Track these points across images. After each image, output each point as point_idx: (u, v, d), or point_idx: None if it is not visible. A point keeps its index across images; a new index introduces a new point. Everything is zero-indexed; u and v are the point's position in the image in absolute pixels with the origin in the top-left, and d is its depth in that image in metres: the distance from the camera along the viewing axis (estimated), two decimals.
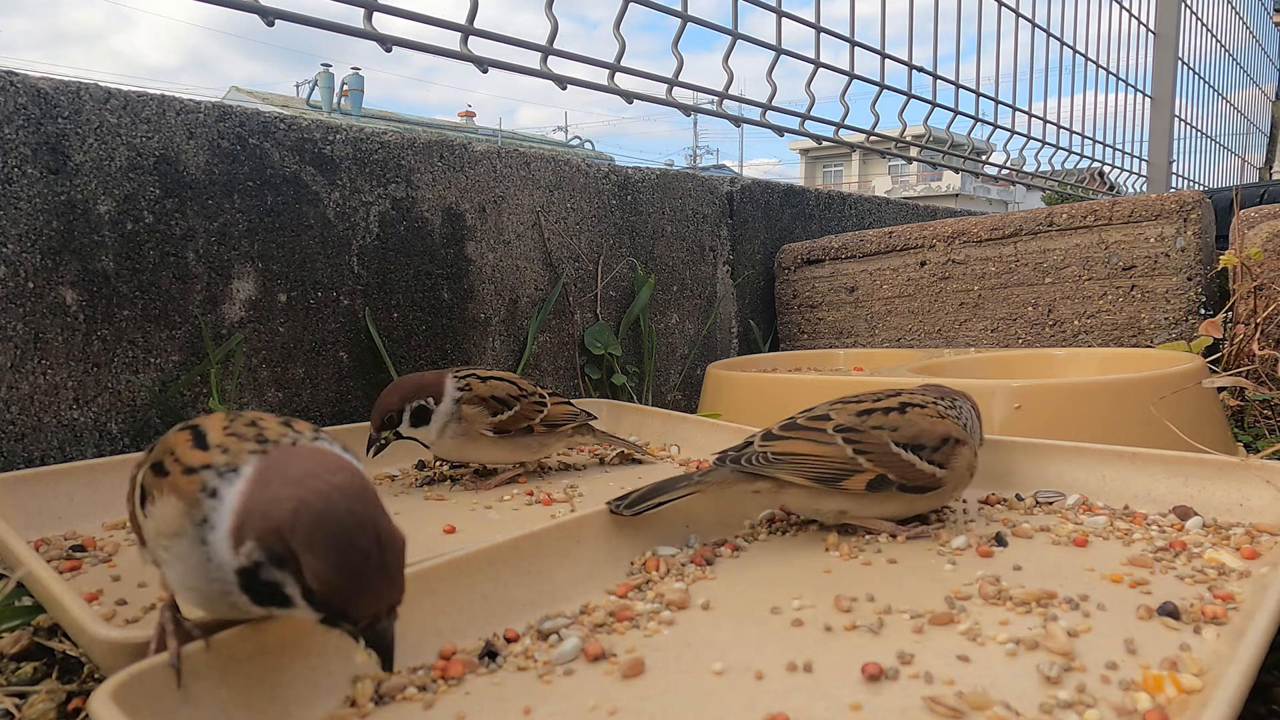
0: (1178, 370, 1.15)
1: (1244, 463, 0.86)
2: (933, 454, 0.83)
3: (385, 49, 1.26)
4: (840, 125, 2.23)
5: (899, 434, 0.84)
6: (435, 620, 0.62)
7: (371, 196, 1.36)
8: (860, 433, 0.84)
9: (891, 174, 29.94)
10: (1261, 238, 1.56)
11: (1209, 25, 4.63)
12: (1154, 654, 0.56)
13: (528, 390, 1.14)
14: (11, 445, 1.02)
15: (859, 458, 0.83)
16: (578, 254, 1.67)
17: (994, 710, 0.51)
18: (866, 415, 0.86)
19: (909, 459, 0.83)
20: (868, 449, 0.83)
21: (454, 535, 0.91)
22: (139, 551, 0.59)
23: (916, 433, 0.84)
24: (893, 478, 0.82)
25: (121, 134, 1.10)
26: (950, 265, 1.84)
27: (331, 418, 1.32)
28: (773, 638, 0.63)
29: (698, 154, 36.30)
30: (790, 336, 2.09)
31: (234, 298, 1.21)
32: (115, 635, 0.55)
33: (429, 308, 1.44)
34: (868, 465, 0.83)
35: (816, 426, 0.86)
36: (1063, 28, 3.27)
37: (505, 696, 0.55)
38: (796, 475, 0.83)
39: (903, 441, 0.83)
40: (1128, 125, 3.88)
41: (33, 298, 1.03)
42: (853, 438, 0.84)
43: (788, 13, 1.91)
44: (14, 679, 0.64)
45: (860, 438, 0.84)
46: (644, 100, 1.68)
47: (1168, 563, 0.73)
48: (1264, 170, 6.63)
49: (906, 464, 0.83)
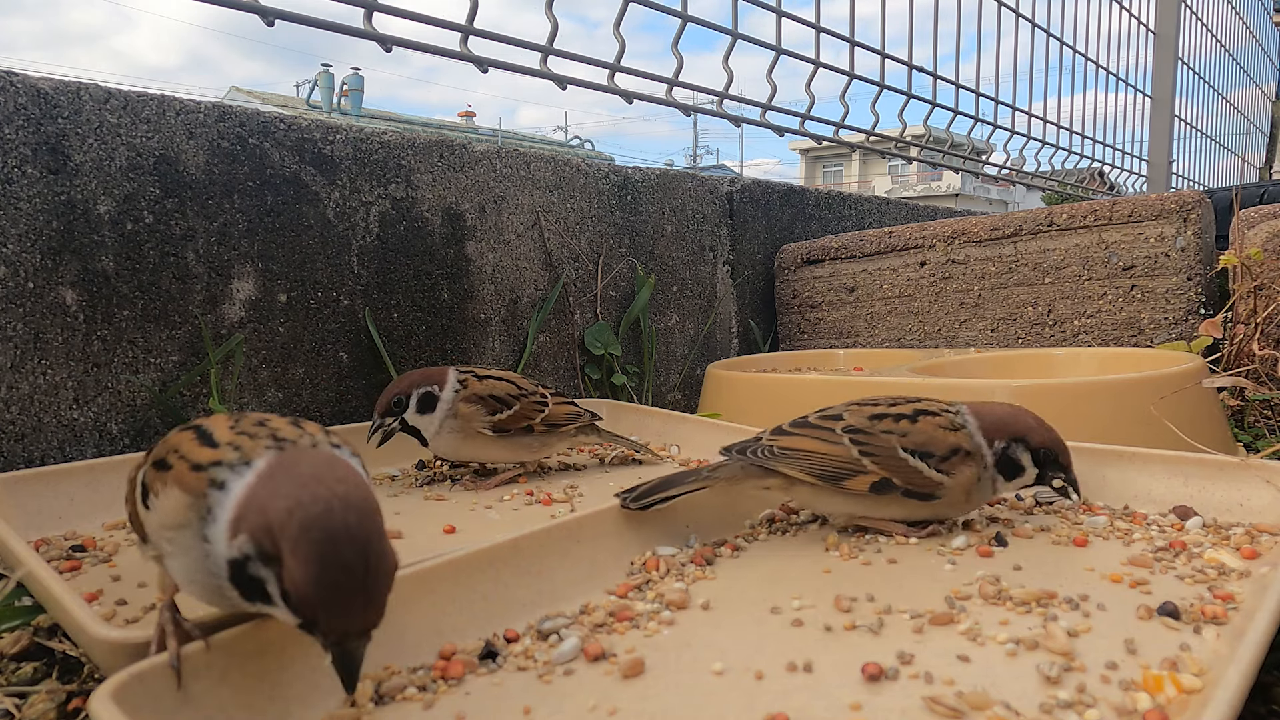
0: (1178, 370, 1.15)
1: (1244, 463, 0.86)
2: (940, 463, 0.83)
3: (385, 49, 1.26)
4: (840, 125, 2.23)
5: (908, 439, 0.83)
6: (435, 620, 0.62)
7: (371, 196, 1.36)
8: (869, 435, 0.84)
9: (891, 174, 29.94)
10: (1261, 238, 1.56)
11: (1209, 25, 4.63)
12: (1154, 654, 0.56)
13: (528, 389, 1.14)
14: (11, 445, 1.02)
15: (864, 459, 0.83)
16: (578, 254, 1.67)
17: (994, 710, 0.51)
18: (878, 419, 0.86)
19: (916, 465, 0.82)
20: (873, 451, 0.83)
21: (454, 535, 0.91)
22: (140, 549, 0.59)
23: (925, 440, 0.83)
24: (898, 482, 0.82)
25: (121, 134, 1.10)
26: (950, 265, 1.84)
27: (331, 418, 1.32)
28: (773, 638, 0.63)
29: (698, 154, 36.31)
30: (790, 336, 2.09)
31: (234, 298, 1.21)
32: (115, 635, 0.55)
33: (429, 308, 1.44)
34: (872, 467, 0.82)
35: (826, 425, 0.86)
36: (1063, 28, 3.27)
37: (505, 696, 0.55)
38: (801, 472, 0.83)
39: (910, 447, 0.83)
40: (1128, 125, 3.88)
41: (33, 298, 1.03)
42: (860, 439, 0.84)
43: (788, 13, 1.91)
44: (14, 679, 0.64)
45: (868, 440, 0.84)
46: (644, 100, 1.68)
47: (1168, 563, 0.73)
48: (1264, 170, 6.63)
49: (913, 470, 0.82)
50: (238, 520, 0.49)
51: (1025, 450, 0.85)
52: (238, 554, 0.49)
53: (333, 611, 0.47)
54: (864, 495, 0.83)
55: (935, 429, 0.85)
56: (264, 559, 0.48)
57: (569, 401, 1.19)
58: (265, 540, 0.47)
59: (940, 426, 0.85)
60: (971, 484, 0.84)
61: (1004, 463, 0.85)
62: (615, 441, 1.24)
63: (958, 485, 0.83)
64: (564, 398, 1.19)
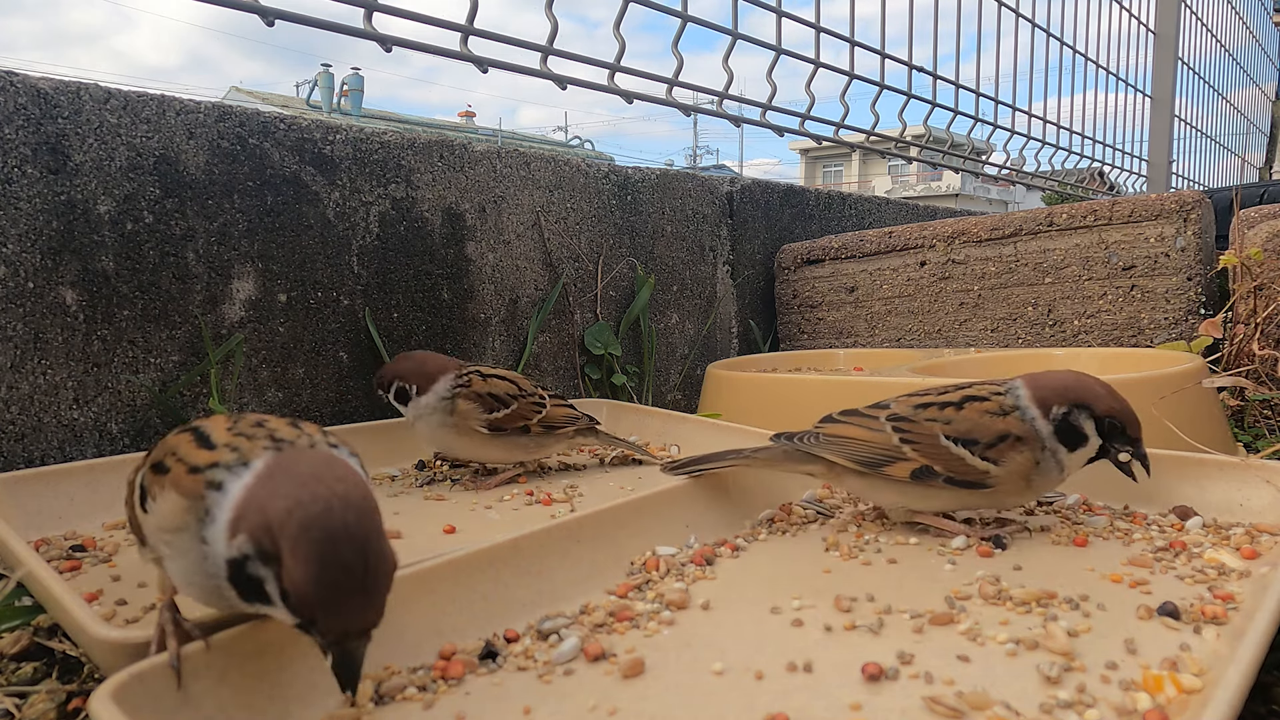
0: (1178, 370, 1.15)
1: (1244, 463, 0.86)
2: (986, 450, 0.80)
3: (385, 49, 1.26)
4: (840, 125, 2.23)
5: (951, 427, 0.82)
6: (435, 620, 0.63)
7: (371, 196, 1.36)
8: (912, 422, 0.84)
9: (891, 174, 29.94)
10: (1261, 238, 1.56)
11: (1209, 25, 4.63)
12: (1154, 654, 0.56)
13: (527, 390, 1.14)
14: (11, 445, 1.02)
15: (904, 446, 0.82)
16: (578, 254, 1.67)
17: (994, 710, 0.51)
18: (924, 408, 0.85)
19: (959, 452, 0.81)
20: (915, 439, 0.83)
21: (454, 535, 0.91)
22: (139, 552, 0.58)
23: (970, 427, 0.82)
24: (939, 469, 0.81)
25: (121, 134, 1.10)
26: (950, 265, 1.84)
27: (331, 418, 1.32)
28: (773, 638, 0.63)
29: (698, 154, 36.31)
30: (790, 336, 2.09)
31: (234, 298, 1.21)
32: (115, 635, 0.55)
33: (429, 308, 1.44)
34: (912, 454, 0.82)
35: (872, 414, 0.87)
36: (1063, 28, 3.27)
37: (505, 696, 0.55)
38: (841, 457, 0.84)
39: (954, 435, 0.81)
40: (1128, 125, 3.88)
41: (33, 298, 1.03)
42: (902, 426, 0.84)
43: (788, 13, 1.91)
44: (14, 679, 0.64)
45: (910, 427, 0.83)
46: (644, 100, 1.68)
47: (1168, 563, 0.73)
48: (1264, 170, 6.63)
49: (955, 457, 0.81)
50: (236, 520, 0.49)
51: (1089, 418, 0.80)
52: (236, 554, 0.49)
53: (332, 611, 0.46)
54: (906, 483, 0.82)
55: (981, 415, 0.82)
56: (263, 558, 0.48)
57: (568, 404, 1.19)
58: (264, 539, 0.47)
59: (987, 412, 0.82)
60: (1029, 469, 0.80)
61: (1064, 430, 0.80)
62: (614, 444, 1.24)
63: (1011, 473, 0.80)
64: (563, 400, 1.19)
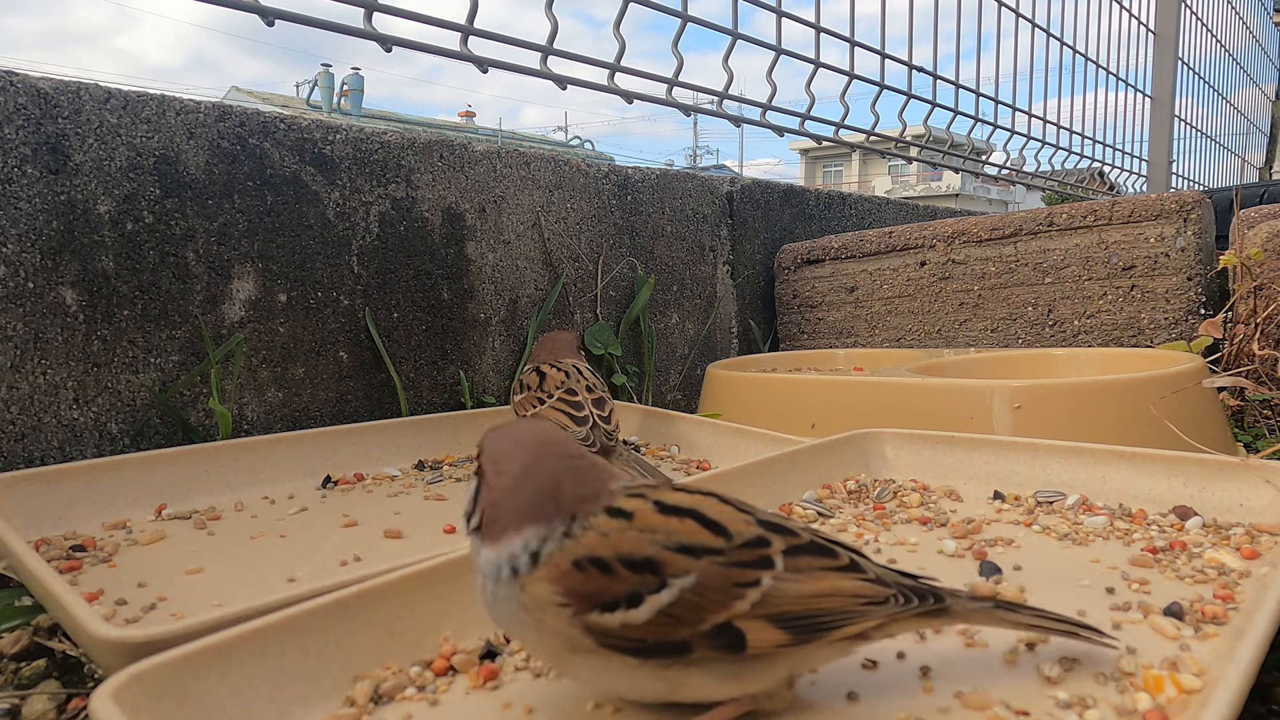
0: (1178, 370, 1.15)
1: (1244, 463, 0.86)
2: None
3: (385, 49, 1.26)
4: (840, 125, 2.23)
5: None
6: (435, 620, 0.62)
7: (371, 196, 1.36)
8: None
9: (891, 174, 29.95)
10: (1261, 238, 1.56)
11: (1209, 25, 4.63)
12: (1154, 654, 0.56)
13: (550, 390, 1.15)
14: (11, 445, 1.02)
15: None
16: (578, 254, 1.67)
17: (994, 710, 0.51)
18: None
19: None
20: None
21: (454, 535, 0.91)
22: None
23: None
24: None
25: (121, 134, 1.10)
26: (950, 265, 1.84)
27: (331, 418, 1.32)
28: None
29: (698, 154, 36.32)
30: (790, 336, 2.09)
31: (234, 298, 1.21)
32: (115, 635, 0.55)
33: (429, 308, 1.44)
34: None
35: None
36: (1063, 28, 3.27)
37: (506, 696, 0.55)
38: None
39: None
40: (1128, 125, 3.88)
41: (33, 298, 1.03)
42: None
43: (788, 13, 1.91)
44: (14, 679, 0.64)
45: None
46: (644, 100, 1.68)
47: (1168, 563, 0.73)
48: (1264, 170, 6.63)
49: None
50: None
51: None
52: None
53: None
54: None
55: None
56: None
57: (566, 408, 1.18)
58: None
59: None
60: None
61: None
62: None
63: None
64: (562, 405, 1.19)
